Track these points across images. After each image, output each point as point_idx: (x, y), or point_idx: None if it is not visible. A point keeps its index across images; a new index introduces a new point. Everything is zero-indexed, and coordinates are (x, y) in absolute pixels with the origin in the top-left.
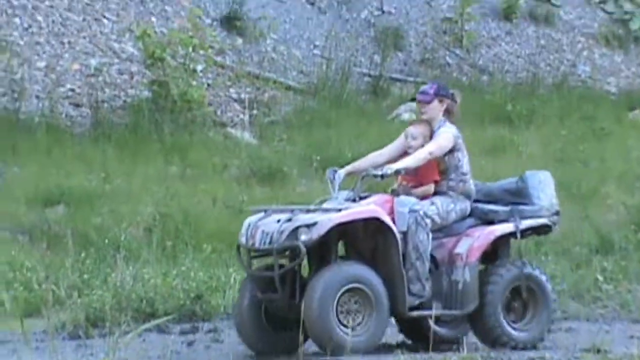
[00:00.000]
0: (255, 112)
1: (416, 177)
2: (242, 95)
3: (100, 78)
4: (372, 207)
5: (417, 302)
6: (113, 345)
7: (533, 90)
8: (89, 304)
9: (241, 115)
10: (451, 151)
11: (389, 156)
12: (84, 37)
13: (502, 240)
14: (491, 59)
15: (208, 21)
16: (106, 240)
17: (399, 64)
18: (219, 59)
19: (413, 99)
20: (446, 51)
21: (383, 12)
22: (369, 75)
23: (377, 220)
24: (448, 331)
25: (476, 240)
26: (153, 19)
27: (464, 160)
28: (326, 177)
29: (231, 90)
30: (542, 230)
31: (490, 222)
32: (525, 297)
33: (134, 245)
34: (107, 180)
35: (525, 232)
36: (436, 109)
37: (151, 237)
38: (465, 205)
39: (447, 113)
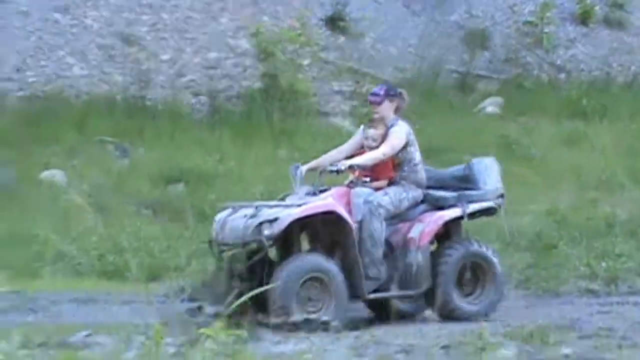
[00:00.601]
0: (354, 103)
1: (372, 172)
2: (343, 88)
3: (218, 70)
4: (328, 200)
5: (375, 285)
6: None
7: (606, 88)
8: (204, 270)
9: (342, 106)
10: (404, 147)
11: (347, 153)
12: (204, 34)
13: (453, 223)
14: (568, 59)
15: (314, 21)
16: None
17: (485, 62)
18: (323, 54)
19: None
20: (527, 51)
21: (471, 15)
22: (458, 72)
23: (332, 213)
24: (409, 307)
25: (427, 225)
26: (265, 18)
27: (415, 153)
28: (289, 172)
29: (333, 83)
30: (488, 212)
31: (441, 208)
32: (473, 273)
33: None
34: (222, 162)
35: (472, 215)
36: (387, 108)
37: None
38: (417, 194)
39: (397, 110)
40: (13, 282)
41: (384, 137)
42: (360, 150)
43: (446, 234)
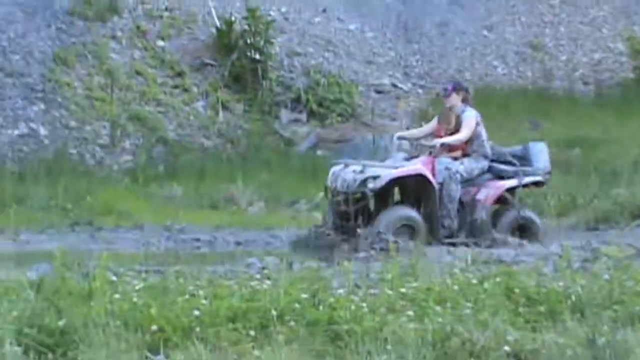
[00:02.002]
0: None
1: (449, 146)
2: None
3: (602, 66)
4: (418, 165)
5: (448, 232)
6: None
7: None
8: (600, 207)
9: None
10: (474, 128)
11: (427, 132)
12: (591, 40)
13: (510, 191)
14: None
15: None
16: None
17: None
18: None
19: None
20: None
21: None
22: None
23: (421, 175)
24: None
25: (491, 190)
26: (636, 27)
27: (482, 131)
28: (389, 139)
29: None
30: (538, 184)
31: (502, 178)
32: (522, 229)
33: None
34: (606, 132)
35: (525, 186)
36: (455, 99)
37: None
38: (484, 164)
39: (465, 101)
40: None
41: (457, 122)
42: (437, 132)
43: (504, 199)
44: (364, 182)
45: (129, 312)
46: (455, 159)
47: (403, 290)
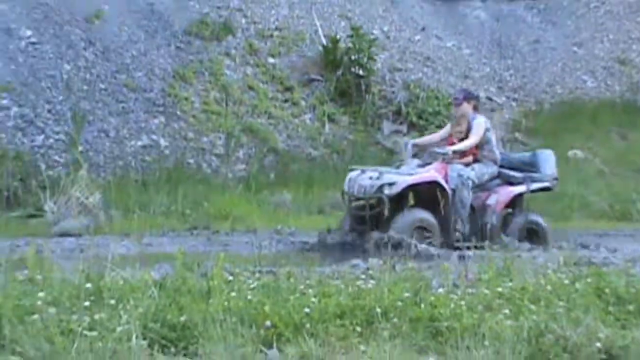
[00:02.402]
0: None
1: (462, 152)
2: None
3: None
4: (432, 172)
5: (460, 236)
6: None
7: None
8: None
9: None
10: (484, 133)
11: (439, 139)
12: None
13: (519, 196)
14: None
15: None
16: None
17: None
18: None
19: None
20: None
21: None
22: None
23: (435, 182)
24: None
25: (501, 196)
26: None
27: (492, 137)
28: (402, 145)
29: None
30: (545, 189)
31: (511, 184)
32: (531, 234)
33: None
34: None
35: (533, 191)
36: (466, 107)
37: None
38: (494, 169)
39: (475, 108)
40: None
41: (467, 129)
42: (449, 138)
43: (513, 204)
44: (380, 188)
45: (245, 309)
46: (467, 164)
47: (499, 289)
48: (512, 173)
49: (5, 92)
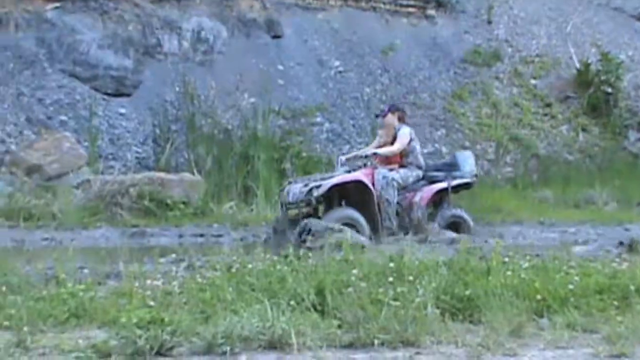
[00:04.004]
0: None
1: (387, 159)
2: None
3: None
4: (357, 174)
5: (389, 232)
6: None
7: None
8: None
9: None
10: (409, 142)
11: (373, 148)
12: None
13: (442, 193)
14: None
15: None
16: None
17: None
18: None
19: (377, 115)
20: None
21: None
22: None
23: (360, 182)
24: None
25: (424, 193)
26: None
27: (417, 146)
28: (335, 160)
29: None
30: (467, 186)
31: (435, 182)
32: (455, 227)
33: None
34: None
35: (455, 188)
36: (391, 119)
37: None
38: (418, 173)
39: (401, 120)
40: None
41: (393, 138)
42: (381, 146)
43: (440, 201)
44: (309, 191)
45: (519, 285)
46: (392, 170)
47: None
48: (433, 173)
49: (319, 111)
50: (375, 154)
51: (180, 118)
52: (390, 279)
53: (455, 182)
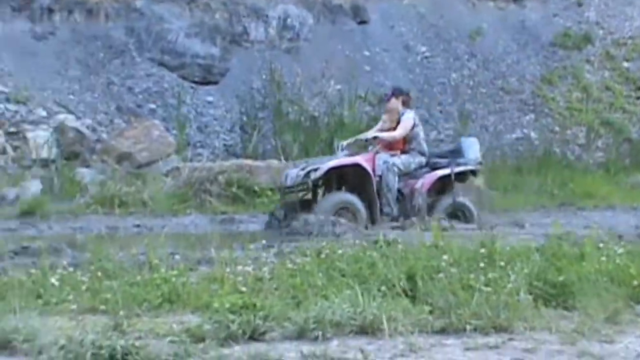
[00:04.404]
0: None
1: (389, 145)
2: None
3: None
4: (356, 158)
5: (388, 218)
6: None
7: None
8: None
9: None
10: (412, 128)
11: (375, 132)
12: None
13: (447, 182)
14: None
15: None
16: None
17: None
18: None
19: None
20: None
21: None
22: None
23: (358, 165)
24: None
25: (426, 179)
26: None
27: (420, 132)
28: (334, 145)
29: None
30: (471, 173)
31: (438, 169)
32: (458, 214)
33: None
34: None
35: (458, 175)
36: (395, 103)
37: None
38: (421, 159)
39: (405, 104)
40: None
41: (397, 122)
42: (384, 131)
43: (442, 188)
44: (307, 174)
45: (614, 271)
46: (394, 155)
47: None
48: (437, 160)
49: None
50: (376, 137)
51: (267, 105)
52: (482, 264)
53: (458, 169)
